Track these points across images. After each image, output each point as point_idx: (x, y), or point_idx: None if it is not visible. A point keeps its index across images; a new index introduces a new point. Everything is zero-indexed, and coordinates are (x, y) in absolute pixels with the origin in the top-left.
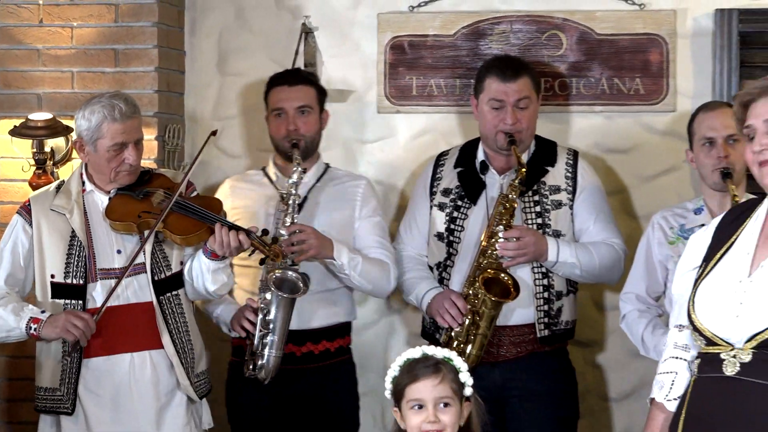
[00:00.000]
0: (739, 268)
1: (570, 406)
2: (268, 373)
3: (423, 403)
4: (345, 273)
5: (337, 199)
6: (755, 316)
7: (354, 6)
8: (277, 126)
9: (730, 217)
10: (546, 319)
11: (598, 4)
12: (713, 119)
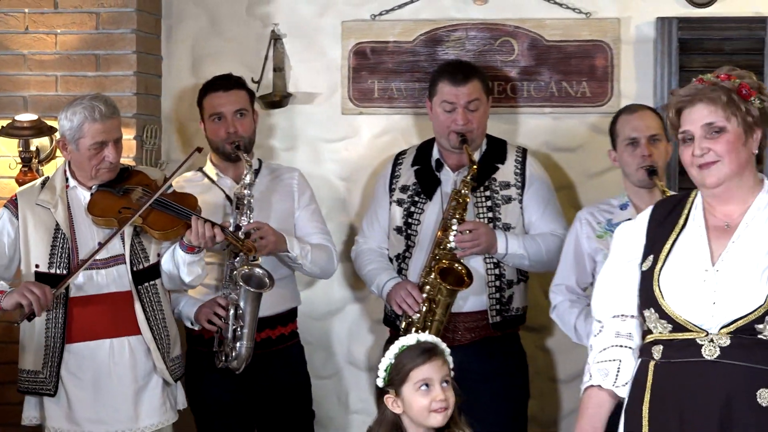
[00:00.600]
0: (698, 258)
1: (521, 387)
2: (241, 362)
3: (431, 383)
4: (298, 263)
5: (276, 192)
6: (732, 303)
7: (320, 14)
8: (216, 129)
9: (660, 211)
10: (498, 306)
11: (548, 12)
12: (636, 121)
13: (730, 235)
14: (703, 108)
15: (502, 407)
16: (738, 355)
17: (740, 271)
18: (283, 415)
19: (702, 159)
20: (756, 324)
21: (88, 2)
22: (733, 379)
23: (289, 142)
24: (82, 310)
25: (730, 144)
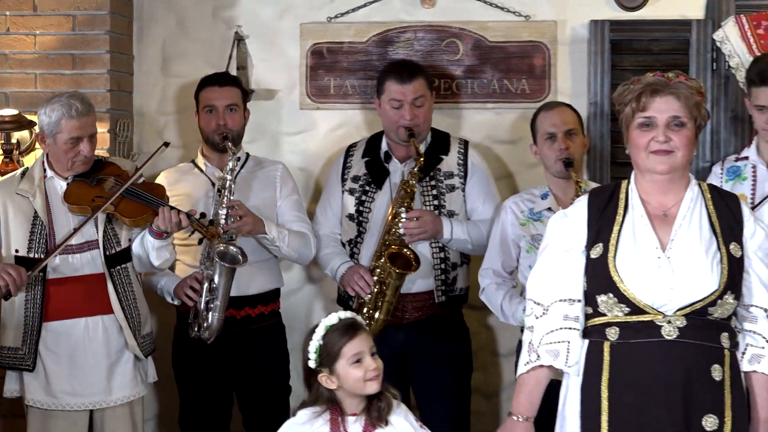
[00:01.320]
0: (647, 245)
1: (465, 362)
2: (212, 333)
3: (362, 355)
4: (276, 245)
5: (260, 182)
6: (689, 288)
7: (279, 17)
8: (208, 121)
9: (597, 201)
10: (443, 287)
11: (490, 15)
12: (554, 117)
13: (671, 223)
14: (674, 101)
15: (447, 379)
16: (694, 334)
17: (692, 258)
18: (260, 388)
19: (661, 146)
20: (709, 307)
21: (65, 5)
22: (691, 357)
23: (252, 134)
24: (59, 290)
25: (687, 139)
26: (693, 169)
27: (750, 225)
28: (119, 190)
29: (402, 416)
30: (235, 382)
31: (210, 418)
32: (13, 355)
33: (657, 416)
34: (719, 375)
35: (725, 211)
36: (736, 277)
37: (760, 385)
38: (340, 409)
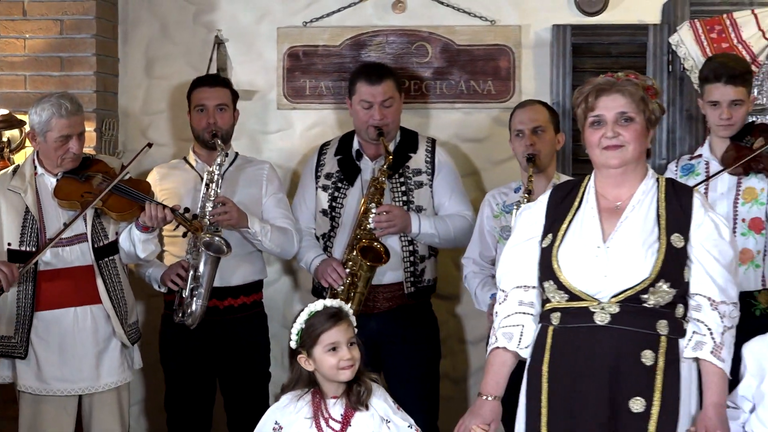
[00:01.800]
0: (590, 237)
1: (434, 349)
2: (195, 319)
3: (338, 345)
4: (258, 239)
5: (247, 180)
6: (621, 276)
7: (258, 21)
8: (199, 119)
9: (558, 194)
10: (412, 278)
11: (458, 20)
12: (522, 114)
13: (620, 215)
14: (620, 98)
15: (417, 366)
16: (625, 321)
17: (628, 248)
18: (241, 375)
19: (611, 141)
20: (641, 294)
21: (53, 10)
22: (621, 342)
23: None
24: (50, 282)
25: (637, 133)
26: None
27: (699, 217)
28: (107, 186)
29: (381, 399)
30: (218, 368)
31: (194, 401)
32: (5, 343)
33: (586, 398)
34: (650, 360)
35: (675, 203)
36: (673, 267)
37: (705, 370)
38: (321, 392)
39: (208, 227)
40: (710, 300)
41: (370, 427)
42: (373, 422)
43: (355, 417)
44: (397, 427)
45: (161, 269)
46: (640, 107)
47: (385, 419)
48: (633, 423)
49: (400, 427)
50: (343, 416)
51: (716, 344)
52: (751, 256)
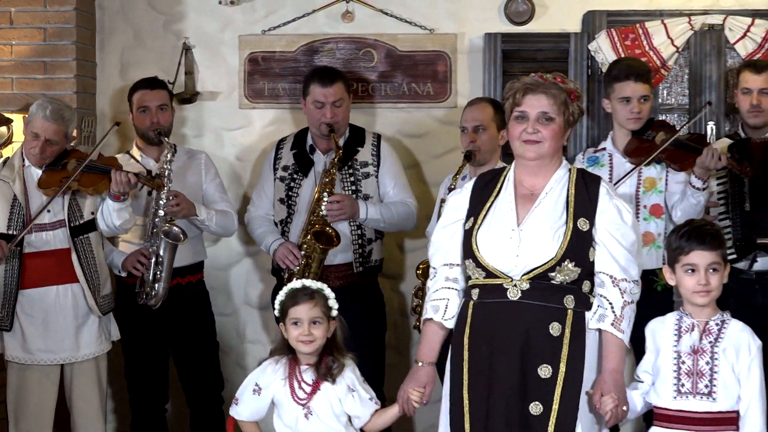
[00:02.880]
0: (506, 220)
1: (380, 322)
2: (158, 300)
3: (300, 321)
4: (206, 225)
5: (189, 169)
6: (531, 256)
7: (221, 30)
8: (143, 119)
9: (481, 182)
10: (360, 259)
11: (400, 29)
12: (467, 113)
13: (534, 201)
14: (544, 98)
15: (366, 337)
16: (534, 296)
17: (538, 231)
18: (193, 345)
19: (530, 136)
20: (549, 272)
21: (37, 20)
22: (531, 315)
23: (198, 130)
24: (33, 262)
25: (554, 132)
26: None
27: (604, 203)
28: (79, 167)
29: (350, 370)
30: (170, 339)
31: (150, 369)
32: None
33: (501, 366)
34: (557, 331)
35: (583, 191)
36: (578, 248)
37: (605, 340)
38: (296, 358)
39: (164, 217)
40: (612, 278)
41: (336, 394)
42: (340, 391)
43: (324, 384)
44: (361, 398)
45: (122, 256)
46: (561, 109)
47: (351, 389)
48: (541, 387)
49: (363, 398)
50: (313, 382)
51: (616, 317)
52: (652, 239)
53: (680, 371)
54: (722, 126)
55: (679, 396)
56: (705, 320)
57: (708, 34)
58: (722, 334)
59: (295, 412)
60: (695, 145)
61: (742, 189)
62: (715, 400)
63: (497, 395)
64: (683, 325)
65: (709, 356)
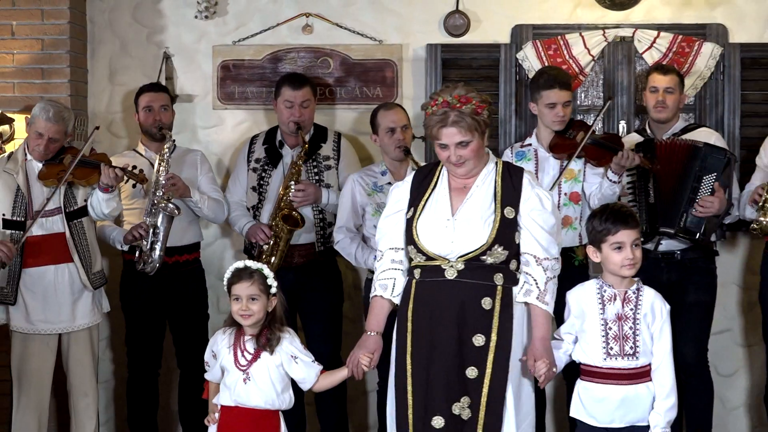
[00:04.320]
0: (442, 211)
1: (337, 294)
2: (154, 267)
3: (239, 297)
4: (198, 207)
5: (185, 164)
6: (465, 242)
7: (197, 41)
8: (147, 117)
9: (419, 176)
10: (321, 240)
11: (353, 40)
12: (393, 115)
13: (466, 193)
14: (455, 131)
15: (325, 308)
16: (468, 275)
17: (470, 220)
18: (187, 315)
19: (455, 161)
20: (481, 255)
21: (36, 32)
22: (466, 292)
23: (177, 128)
24: (34, 245)
25: (474, 150)
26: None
27: (526, 192)
28: (74, 161)
29: (289, 342)
30: (168, 311)
31: (148, 338)
32: (0, 292)
33: (440, 335)
34: (489, 305)
35: (509, 182)
36: (506, 234)
37: (533, 312)
38: (242, 329)
39: (161, 196)
40: (536, 257)
41: (274, 362)
42: (279, 359)
43: (264, 354)
44: (304, 362)
45: (122, 232)
46: (472, 129)
47: (293, 357)
48: (476, 354)
49: (306, 362)
50: (254, 351)
51: (541, 291)
52: (570, 221)
53: (608, 336)
54: (632, 124)
55: (608, 357)
56: (624, 290)
57: (620, 45)
58: (640, 302)
59: (236, 377)
60: (611, 145)
61: (647, 184)
62: (638, 359)
63: (438, 361)
64: (605, 295)
65: (632, 322)
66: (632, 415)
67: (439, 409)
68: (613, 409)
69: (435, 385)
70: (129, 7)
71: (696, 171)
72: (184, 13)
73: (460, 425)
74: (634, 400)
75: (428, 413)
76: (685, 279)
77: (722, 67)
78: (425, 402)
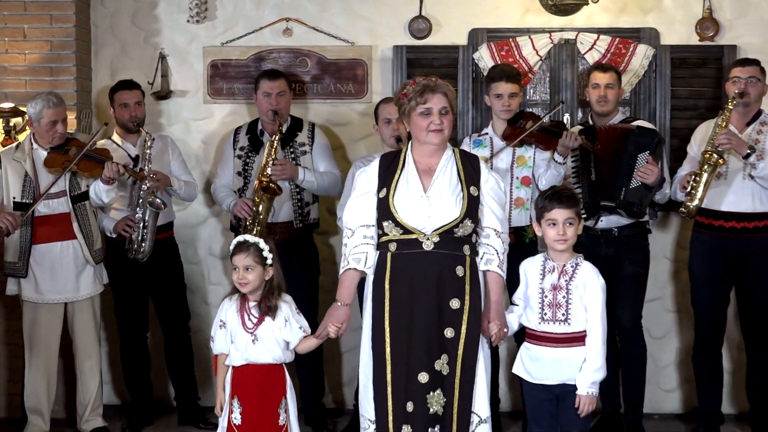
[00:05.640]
0: (415, 188)
1: (314, 267)
2: (145, 255)
3: (237, 267)
4: (178, 192)
5: (158, 150)
6: (440, 216)
7: (189, 43)
8: (123, 113)
9: (385, 161)
10: (300, 218)
11: (328, 42)
12: (390, 108)
13: (432, 175)
14: (443, 97)
15: (303, 280)
16: (443, 246)
17: (442, 197)
18: (166, 286)
19: (437, 126)
20: (454, 228)
21: (46, 34)
22: (442, 261)
23: (171, 120)
24: (42, 224)
25: (451, 122)
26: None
27: (485, 175)
28: (78, 154)
29: (286, 305)
30: (149, 282)
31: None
32: (12, 266)
33: (421, 300)
34: (461, 273)
35: (469, 166)
36: (472, 209)
37: (490, 278)
38: (246, 296)
39: (148, 190)
40: (495, 231)
41: (277, 324)
42: (280, 322)
43: (267, 318)
44: (291, 327)
45: (111, 221)
46: (452, 104)
47: (287, 320)
48: (453, 316)
49: (293, 327)
50: (259, 315)
51: (500, 261)
52: (522, 203)
53: (544, 303)
54: (575, 117)
55: (542, 322)
56: (563, 263)
57: (564, 47)
58: (575, 274)
59: (245, 338)
60: (557, 130)
61: (590, 164)
62: (570, 324)
63: (419, 323)
64: (547, 266)
65: (565, 292)
66: (563, 374)
67: (423, 366)
68: (546, 367)
69: (417, 345)
70: (128, 13)
71: (631, 150)
72: (178, 18)
73: (441, 380)
74: (566, 362)
75: (412, 370)
76: (621, 253)
77: (654, 66)
78: (408, 360)
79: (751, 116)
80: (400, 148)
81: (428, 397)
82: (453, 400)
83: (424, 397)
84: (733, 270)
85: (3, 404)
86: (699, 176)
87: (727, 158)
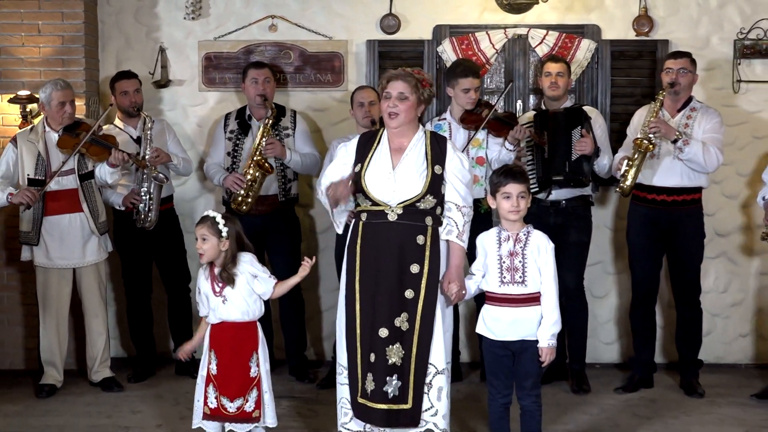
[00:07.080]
0: (385, 165)
1: (296, 235)
2: (152, 224)
3: (198, 237)
4: (177, 167)
5: (157, 132)
6: (404, 191)
7: (186, 37)
8: (123, 99)
9: (363, 138)
10: (283, 192)
11: (309, 37)
12: (363, 93)
13: (402, 153)
14: (401, 83)
15: (286, 246)
16: (406, 218)
17: (408, 174)
18: (168, 251)
19: (391, 109)
20: (416, 203)
21: (58, 29)
22: (404, 231)
23: (170, 106)
24: (53, 199)
25: (407, 106)
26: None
27: (450, 155)
28: (87, 137)
29: (248, 263)
30: (152, 250)
31: (139, 270)
32: (26, 235)
33: (385, 263)
34: (422, 241)
35: (436, 146)
36: (435, 186)
37: (452, 247)
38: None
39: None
40: (456, 205)
41: (241, 283)
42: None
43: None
44: (261, 278)
45: (119, 196)
46: (413, 90)
47: (254, 275)
48: (413, 280)
49: (262, 278)
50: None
51: (459, 231)
52: (477, 179)
53: (502, 268)
54: (527, 103)
55: (502, 284)
56: (516, 232)
57: (517, 41)
58: (528, 241)
59: (216, 300)
60: (509, 121)
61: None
62: (526, 286)
63: (383, 286)
64: (502, 236)
65: (521, 257)
66: (522, 332)
67: (383, 322)
68: (506, 326)
69: (380, 304)
70: (131, 10)
71: (564, 127)
72: (176, 15)
73: (400, 335)
74: (523, 320)
75: (374, 326)
76: (567, 223)
77: (597, 58)
78: (372, 317)
79: (682, 103)
80: (375, 129)
81: (387, 350)
82: (411, 353)
83: (384, 349)
84: (665, 237)
85: (22, 357)
86: (632, 161)
87: (658, 143)
